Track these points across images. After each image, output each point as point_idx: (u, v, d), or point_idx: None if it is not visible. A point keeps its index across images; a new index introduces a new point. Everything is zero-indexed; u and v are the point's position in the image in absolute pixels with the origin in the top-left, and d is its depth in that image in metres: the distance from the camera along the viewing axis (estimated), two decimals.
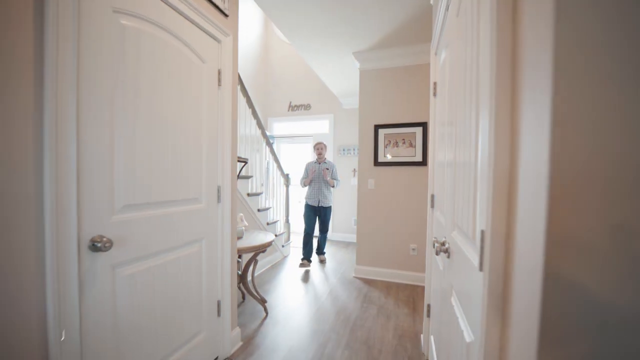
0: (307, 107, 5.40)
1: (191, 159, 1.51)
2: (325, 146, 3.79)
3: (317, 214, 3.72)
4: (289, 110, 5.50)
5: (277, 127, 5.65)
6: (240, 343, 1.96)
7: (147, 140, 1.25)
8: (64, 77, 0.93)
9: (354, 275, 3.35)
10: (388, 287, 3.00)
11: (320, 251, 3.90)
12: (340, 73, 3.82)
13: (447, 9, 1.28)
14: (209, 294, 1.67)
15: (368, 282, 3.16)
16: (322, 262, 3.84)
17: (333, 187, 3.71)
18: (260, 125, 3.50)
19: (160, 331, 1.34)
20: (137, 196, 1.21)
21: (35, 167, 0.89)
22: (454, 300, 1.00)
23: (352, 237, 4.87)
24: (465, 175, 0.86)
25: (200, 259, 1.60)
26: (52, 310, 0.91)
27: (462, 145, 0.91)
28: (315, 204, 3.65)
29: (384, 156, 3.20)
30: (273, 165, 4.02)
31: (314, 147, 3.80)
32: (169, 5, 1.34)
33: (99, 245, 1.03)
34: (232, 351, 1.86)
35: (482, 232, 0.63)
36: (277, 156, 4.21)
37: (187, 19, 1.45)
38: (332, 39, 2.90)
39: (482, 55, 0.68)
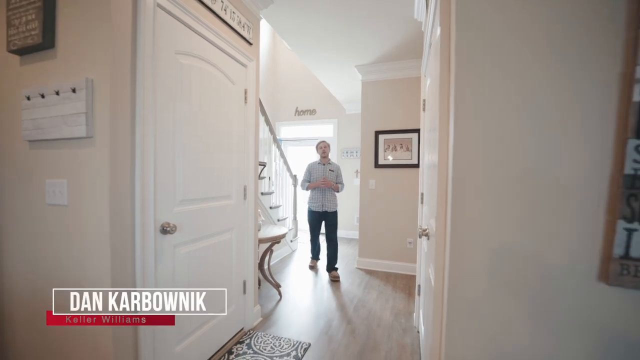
0: (312, 112, 5.76)
1: (224, 164, 1.87)
2: (329, 145, 3.43)
3: (323, 221, 3.39)
4: (295, 115, 5.86)
5: (284, 131, 6.01)
6: (260, 319, 2.32)
7: (195, 149, 1.61)
8: (147, 105, 1.29)
9: (356, 266, 3.69)
10: (387, 276, 3.35)
11: (330, 267, 3.33)
12: (343, 82, 4.18)
13: (430, 45, 1.63)
14: (237, 275, 2.02)
15: (369, 272, 3.51)
16: (335, 279, 3.20)
17: (338, 192, 3.39)
18: (272, 130, 3.86)
19: (208, 294, 1.70)
20: (190, 193, 1.57)
21: (130, 173, 1.25)
22: (430, 270, 1.35)
23: (355, 234, 5.21)
24: (433, 175, 1.21)
25: (231, 245, 1.95)
26: (139, 273, 1.27)
27: (433, 153, 1.26)
28: (320, 210, 3.32)
29: (384, 159, 3.54)
30: (282, 167, 4.38)
31: (317, 146, 3.42)
32: (210, 43, 1.70)
33: (168, 229, 1.39)
34: (254, 324, 2.21)
35: (436, 216, 0.98)
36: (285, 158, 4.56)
37: (222, 51, 1.81)
38: (337, 56, 3.26)
39: (439, 89, 1.03)
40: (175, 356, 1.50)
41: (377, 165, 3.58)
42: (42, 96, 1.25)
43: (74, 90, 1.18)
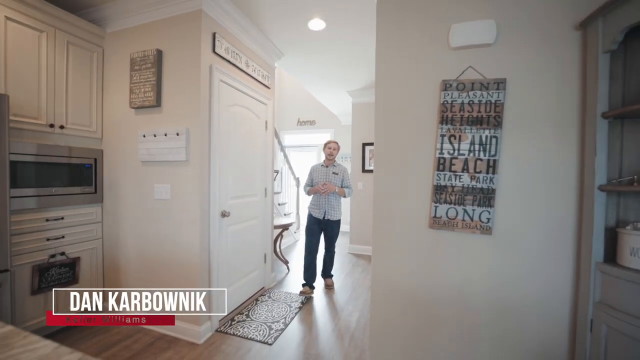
0: (312, 122, 6.64)
1: (253, 172, 2.76)
2: (338, 146, 3.05)
3: (322, 229, 3.04)
4: (297, 125, 6.75)
5: (288, 139, 6.90)
6: (275, 282, 3.21)
7: (238, 163, 2.50)
8: (215, 140, 2.18)
9: (348, 251, 4.59)
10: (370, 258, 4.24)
11: (326, 273, 3.16)
12: (338, 101, 5.07)
13: None
14: (260, 249, 2.92)
15: (357, 256, 4.41)
16: (329, 287, 3.06)
17: (344, 197, 3.00)
18: (279, 142, 4.75)
19: (241, 261, 2.59)
20: (235, 191, 2.46)
21: (207, 181, 2.14)
22: None
23: (347, 228, 6.10)
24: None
25: (256, 228, 2.85)
26: (211, 239, 2.17)
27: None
28: (321, 216, 2.96)
29: (369, 165, 4.43)
30: (287, 171, 5.27)
31: (325, 145, 3.03)
32: (245, 94, 2.59)
33: (225, 214, 2.28)
34: (271, 285, 3.11)
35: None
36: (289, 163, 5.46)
37: (251, 97, 2.70)
38: (333, 84, 4.15)
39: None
40: (226, 292, 2.39)
41: (364, 170, 4.47)
42: (154, 135, 2.15)
43: (177, 134, 2.07)
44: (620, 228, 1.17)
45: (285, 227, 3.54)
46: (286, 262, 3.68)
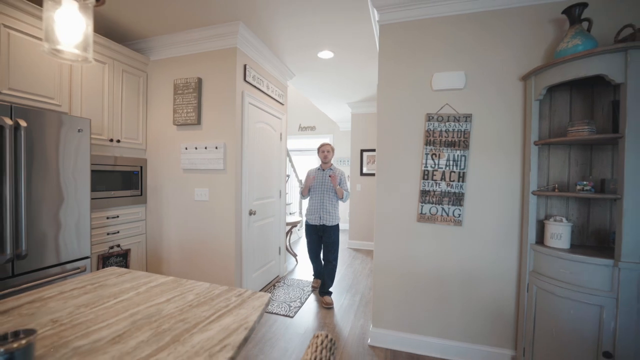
0: (312, 128, 7.14)
1: (271, 176, 3.25)
2: (332, 148, 3.00)
3: (320, 236, 2.93)
4: (299, 130, 7.24)
5: (290, 143, 7.38)
6: (287, 272, 3.71)
7: (260, 169, 2.99)
8: (245, 152, 2.67)
9: (347, 246, 5.11)
10: (369, 253, 4.77)
11: (324, 290, 2.87)
12: (337, 110, 5.58)
13: None
14: (275, 242, 3.41)
15: (356, 250, 4.93)
16: (328, 306, 2.73)
17: (342, 199, 2.88)
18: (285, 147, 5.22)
19: (262, 252, 3.08)
20: (259, 193, 2.95)
21: (239, 185, 2.62)
22: None
23: (347, 226, 6.63)
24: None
25: (273, 225, 3.34)
26: (242, 233, 2.65)
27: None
28: (317, 222, 2.87)
29: (366, 169, 4.96)
30: (292, 173, 5.76)
31: (319, 149, 2.98)
32: (265, 112, 3.08)
33: (251, 212, 2.77)
34: (284, 274, 3.60)
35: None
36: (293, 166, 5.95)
37: (270, 114, 3.19)
38: (334, 97, 4.66)
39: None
40: (251, 278, 2.88)
41: (362, 174, 5.00)
42: (196, 148, 2.62)
43: (216, 147, 2.55)
44: (546, 220, 1.71)
45: (294, 224, 4.04)
46: (295, 255, 4.18)
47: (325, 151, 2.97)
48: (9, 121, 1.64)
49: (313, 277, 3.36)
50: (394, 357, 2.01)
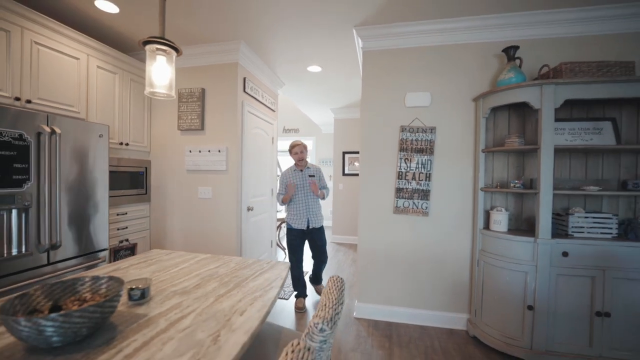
0: (296, 130, 7.50)
1: (264, 176, 3.60)
2: (305, 146, 2.83)
3: (307, 239, 2.85)
4: (283, 132, 7.57)
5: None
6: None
7: (256, 170, 3.33)
8: (244, 155, 3.00)
9: (331, 241, 5.54)
10: (351, 246, 5.22)
11: (317, 279, 3.00)
12: (321, 114, 5.99)
13: None
14: (268, 236, 3.76)
15: (340, 244, 5.37)
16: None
17: (323, 199, 2.85)
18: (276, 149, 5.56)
19: (258, 245, 3.42)
20: (255, 192, 3.29)
21: (240, 184, 2.95)
22: None
23: (330, 223, 7.06)
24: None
25: (266, 220, 3.69)
26: (242, 228, 2.99)
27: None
28: (304, 226, 2.75)
29: (348, 170, 5.41)
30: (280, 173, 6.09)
31: (290, 149, 2.83)
32: (260, 118, 3.42)
33: (249, 209, 3.10)
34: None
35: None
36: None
37: (263, 120, 3.54)
38: (319, 103, 5.06)
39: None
40: None
41: (344, 174, 5.44)
42: (199, 151, 2.92)
43: (219, 151, 2.87)
44: (491, 210, 2.21)
45: (283, 220, 4.39)
46: (284, 249, 4.54)
47: (299, 152, 2.78)
48: (47, 128, 1.89)
49: (295, 296, 2.85)
50: (375, 325, 2.44)
